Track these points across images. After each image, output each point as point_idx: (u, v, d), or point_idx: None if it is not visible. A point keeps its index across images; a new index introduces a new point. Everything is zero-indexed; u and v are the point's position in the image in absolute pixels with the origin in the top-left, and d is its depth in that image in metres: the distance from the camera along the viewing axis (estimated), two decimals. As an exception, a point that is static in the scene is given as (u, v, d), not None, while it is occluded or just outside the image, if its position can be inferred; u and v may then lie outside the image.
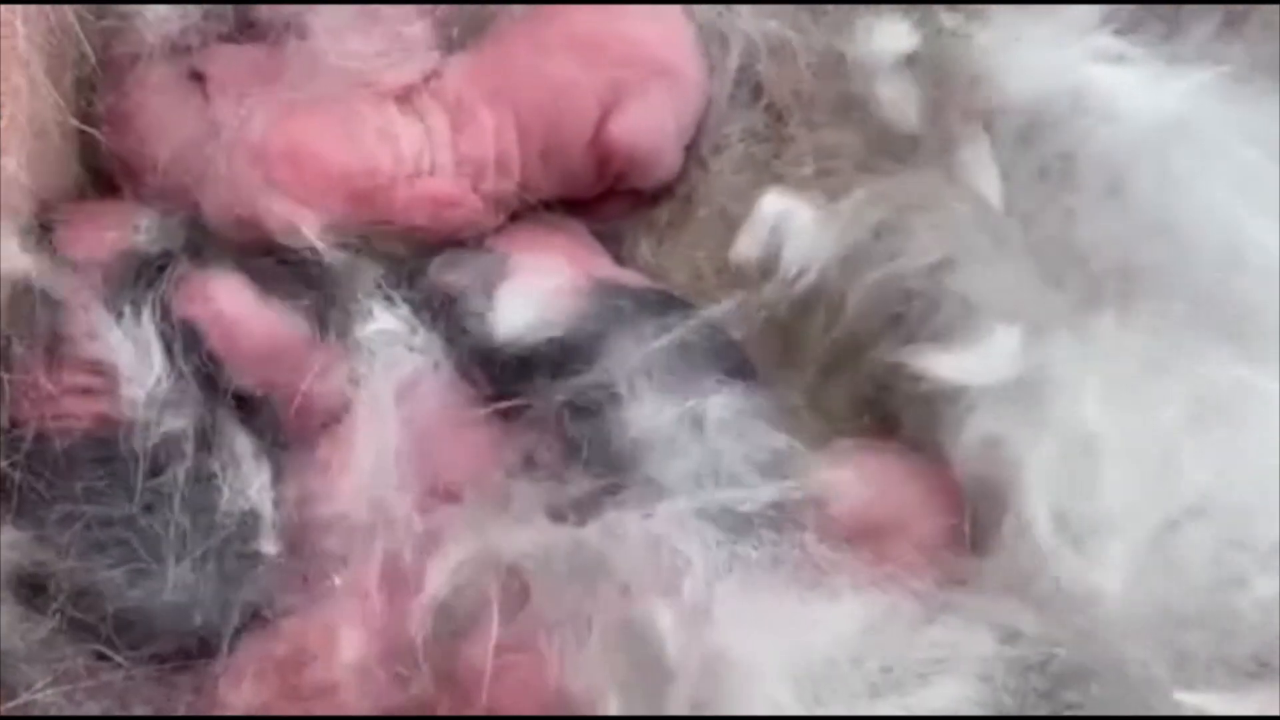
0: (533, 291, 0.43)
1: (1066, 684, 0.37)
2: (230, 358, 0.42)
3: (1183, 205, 0.42)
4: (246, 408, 0.42)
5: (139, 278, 0.41)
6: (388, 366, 0.42)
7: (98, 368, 0.40)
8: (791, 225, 0.45)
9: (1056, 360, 0.41)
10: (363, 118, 0.43)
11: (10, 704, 0.37)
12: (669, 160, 0.46)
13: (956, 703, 0.37)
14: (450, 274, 0.44)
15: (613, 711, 0.37)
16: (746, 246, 0.46)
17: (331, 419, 0.42)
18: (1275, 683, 0.36)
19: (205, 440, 0.41)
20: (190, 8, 0.41)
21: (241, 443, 0.41)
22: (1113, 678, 0.37)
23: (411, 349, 0.42)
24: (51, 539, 0.38)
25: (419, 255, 0.45)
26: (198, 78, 0.43)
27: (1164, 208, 0.42)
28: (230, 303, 0.42)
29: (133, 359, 0.40)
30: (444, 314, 0.43)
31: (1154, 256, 0.42)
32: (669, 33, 0.46)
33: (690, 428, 0.40)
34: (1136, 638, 0.37)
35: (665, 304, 0.44)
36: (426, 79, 0.45)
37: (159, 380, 0.40)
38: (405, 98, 0.44)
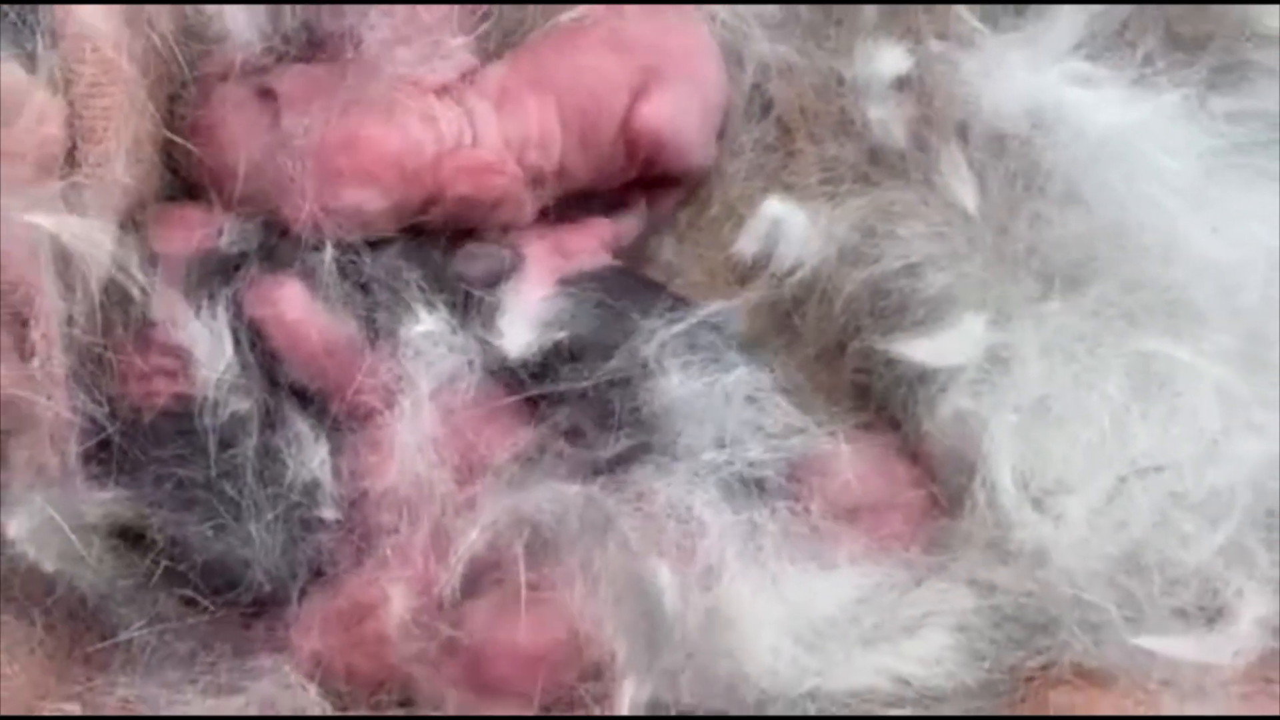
0: (531, 304, 0.47)
1: (1038, 632, 0.42)
2: (289, 355, 0.46)
3: (1129, 210, 0.47)
4: (304, 396, 0.46)
5: (216, 275, 0.46)
6: (429, 364, 0.46)
7: (177, 352, 0.45)
8: (787, 227, 0.50)
9: (1016, 343, 0.46)
10: (404, 107, 0.47)
11: (109, 641, 0.42)
12: (696, 142, 0.51)
13: (940, 650, 0.42)
14: (467, 268, 0.48)
15: (620, 657, 0.41)
16: (746, 244, 0.51)
17: (378, 408, 0.46)
18: (1222, 628, 0.41)
19: (270, 420, 0.45)
20: (271, 33, 0.46)
21: (300, 424, 0.45)
22: (1078, 625, 0.41)
23: (451, 349, 0.46)
24: (147, 496, 0.42)
25: (458, 243, 0.49)
26: (269, 94, 0.47)
27: (1114, 212, 0.47)
28: (290, 307, 0.46)
29: (207, 347, 0.44)
30: (472, 315, 0.47)
31: (1103, 253, 0.47)
32: (689, 32, 0.51)
33: (711, 399, 0.45)
34: (1094, 588, 0.42)
35: (653, 292, 0.49)
36: (466, 77, 0.49)
37: (229, 366, 0.44)
38: (445, 90, 0.49)
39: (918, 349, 0.47)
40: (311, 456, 0.45)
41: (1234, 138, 0.47)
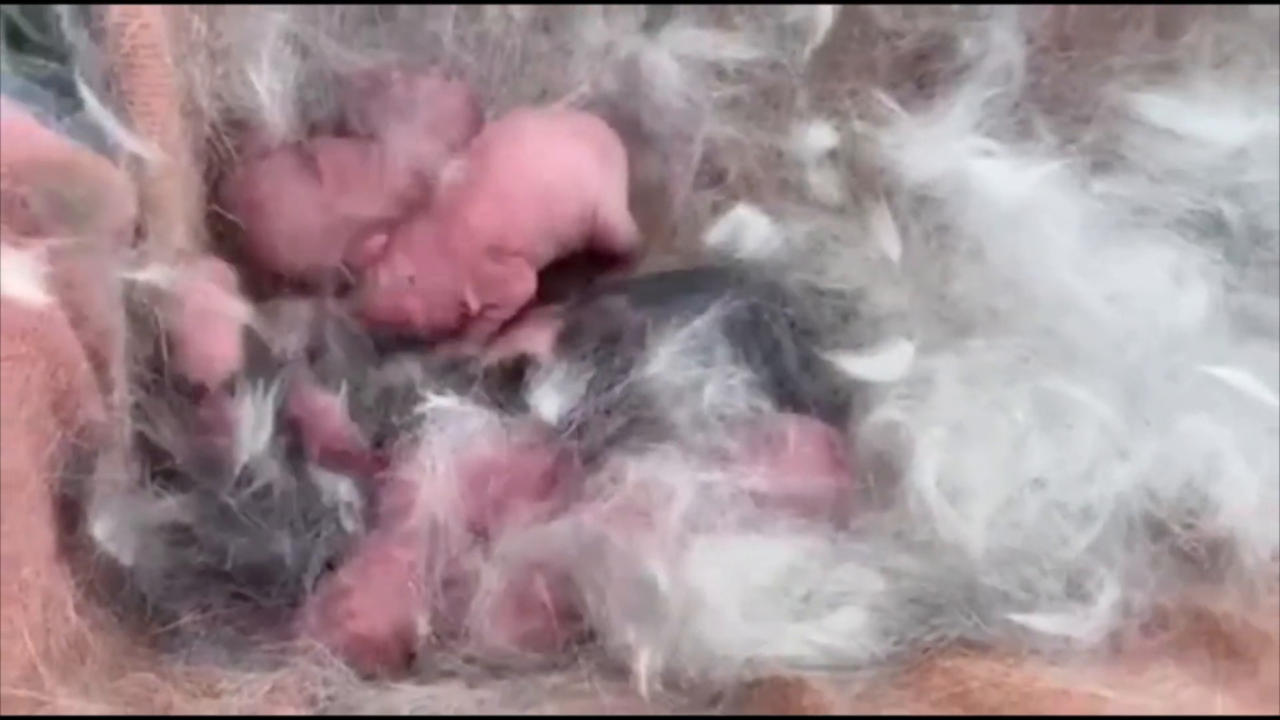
0: (552, 376, 0.55)
1: (934, 612, 0.49)
2: (318, 451, 0.54)
3: (1025, 266, 0.54)
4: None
5: (265, 368, 0.54)
6: (442, 430, 0.54)
7: (229, 419, 0.52)
8: (750, 225, 0.59)
9: (940, 371, 0.54)
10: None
11: (170, 626, 0.50)
12: (629, 226, 0.62)
13: (856, 627, 0.49)
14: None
15: (632, 636, 0.48)
16: (715, 236, 0.60)
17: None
18: (1084, 606, 0.48)
19: (304, 474, 0.53)
20: (302, 123, 0.56)
21: (329, 479, 0.54)
22: (968, 606, 0.49)
23: (461, 416, 0.54)
24: (196, 508, 0.50)
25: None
26: (310, 160, 0.57)
27: (1012, 268, 0.55)
28: (325, 421, 0.55)
29: (252, 420, 0.52)
30: (486, 396, 0.55)
31: (1006, 303, 0.55)
32: (600, 129, 0.61)
33: (693, 386, 0.53)
34: (991, 574, 0.49)
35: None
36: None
37: (268, 437, 0.52)
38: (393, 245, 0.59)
39: (856, 364, 0.55)
40: (338, 488, 0.54)
41: (1107, 211, 0.55)
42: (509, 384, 0.56)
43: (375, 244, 0.58)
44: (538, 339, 0.58)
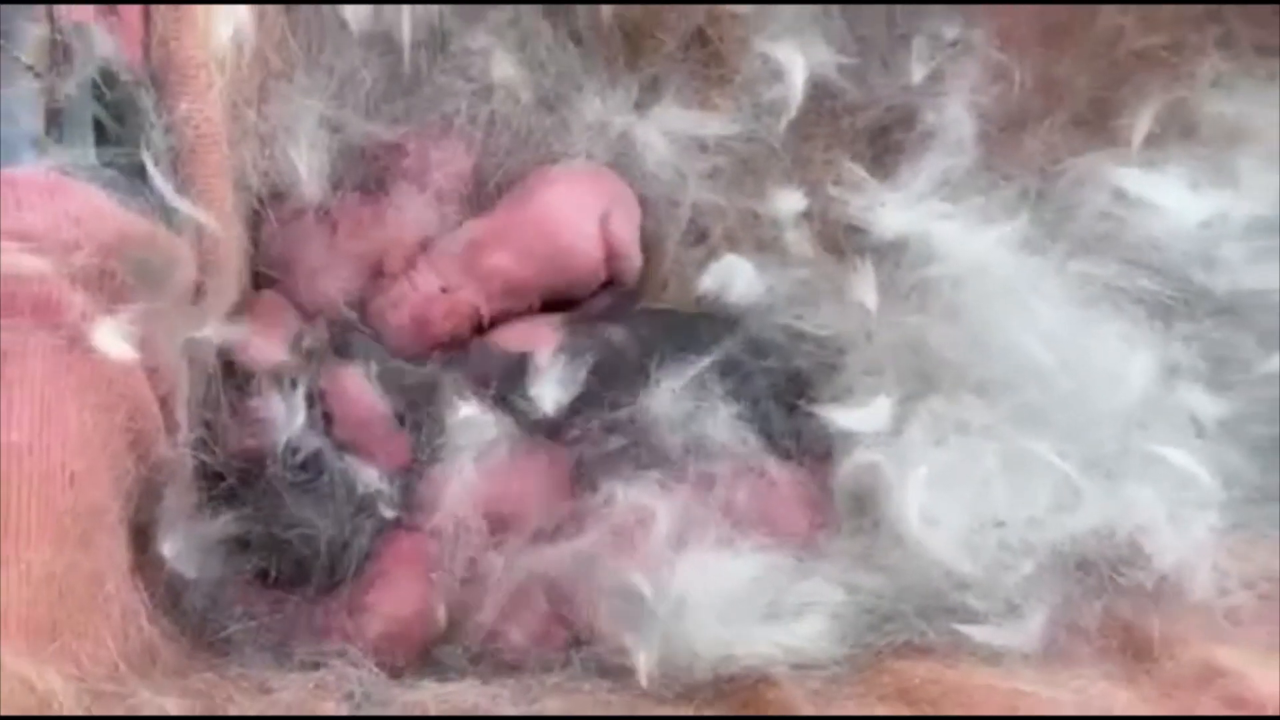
0: (552, 371, 0.62)
1: (887, 619, 0.56)
2: (338, 420, 0.62)
3: (984, 323, 0.60)
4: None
5: (297, 367, 0.62)
6: (468, 437, 0.61)
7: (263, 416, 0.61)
8: (738, 272, 0.66)
9: (914, 422, 0.59)
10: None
11: (223, 634, 0.57)
12: (637, 254, 0.69)
13: (818, 631, 0.55)
14: (483, 371, 0.65)
15: (630, 641, 0.54)
16: (707, 283, 0.67)
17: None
18: (1020, 620, 0.55)
19: (340, 457, 0.61)
20: (330, 190, 0.64)
21: (366, 470, 0.61)
22: (916, 615, 0.56)
23: (484, 425, 0.62)
24: (251, 516, 0.58)
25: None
26: (329, 216, 0.65)
27: (971, 325, 0.60)
28: (349, 387, 0.62)
29: (284, 415, 0.60)
30: (497, 401, 0.63)
31: (965, 358, 0.60)
32: (605, 181, 0.69)
33: (687, 416, 0.61)
34: (945, 593, 0.56)
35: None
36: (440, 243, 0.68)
37: (301, 428, 0.60)
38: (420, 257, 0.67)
39: (840, 416, 0.61)
40: (373, 477, 0.61)
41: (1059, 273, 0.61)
42: (511, 380, 0.62)
43: (406, 255, 0.67)
44: (538, 341, 0.64)
